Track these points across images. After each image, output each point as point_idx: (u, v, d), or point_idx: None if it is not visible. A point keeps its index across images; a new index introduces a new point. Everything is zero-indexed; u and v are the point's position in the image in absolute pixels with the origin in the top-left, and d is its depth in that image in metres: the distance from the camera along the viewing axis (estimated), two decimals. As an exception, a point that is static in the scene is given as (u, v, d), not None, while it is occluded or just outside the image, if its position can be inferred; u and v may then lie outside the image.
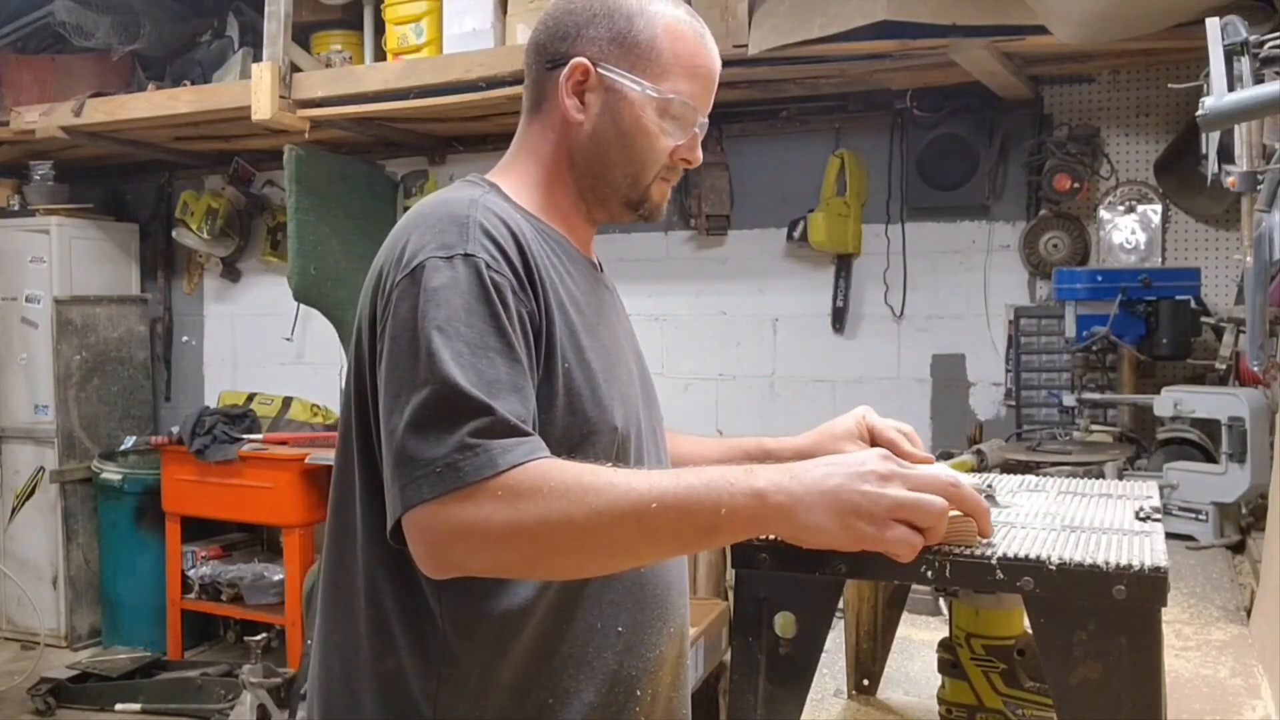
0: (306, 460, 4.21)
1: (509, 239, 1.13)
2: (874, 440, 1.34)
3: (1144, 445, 2.93)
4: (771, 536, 1.02)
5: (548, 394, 1.11)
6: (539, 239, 1.19)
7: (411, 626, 1.14)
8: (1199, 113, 1.56)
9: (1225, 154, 1.92)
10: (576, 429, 1.11)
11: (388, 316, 1.08)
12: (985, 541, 0.99)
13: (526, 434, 1.02)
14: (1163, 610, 0.92)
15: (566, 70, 1.22)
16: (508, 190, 1.23)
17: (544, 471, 1.00)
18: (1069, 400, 3.13)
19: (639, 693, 1.21)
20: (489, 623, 1.13)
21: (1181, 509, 2.37)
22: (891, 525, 0.94)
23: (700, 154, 1.27)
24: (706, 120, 1.27)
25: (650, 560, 1.12)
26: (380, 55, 3.98)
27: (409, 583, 1.13)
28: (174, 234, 4.99)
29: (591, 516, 0.97)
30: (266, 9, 3.88)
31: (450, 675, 1.13)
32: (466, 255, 1.08)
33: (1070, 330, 3.11)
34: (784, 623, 1.03)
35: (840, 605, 1.21)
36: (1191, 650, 1.69)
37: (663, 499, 0.97)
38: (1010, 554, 0.96)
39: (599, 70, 1.21)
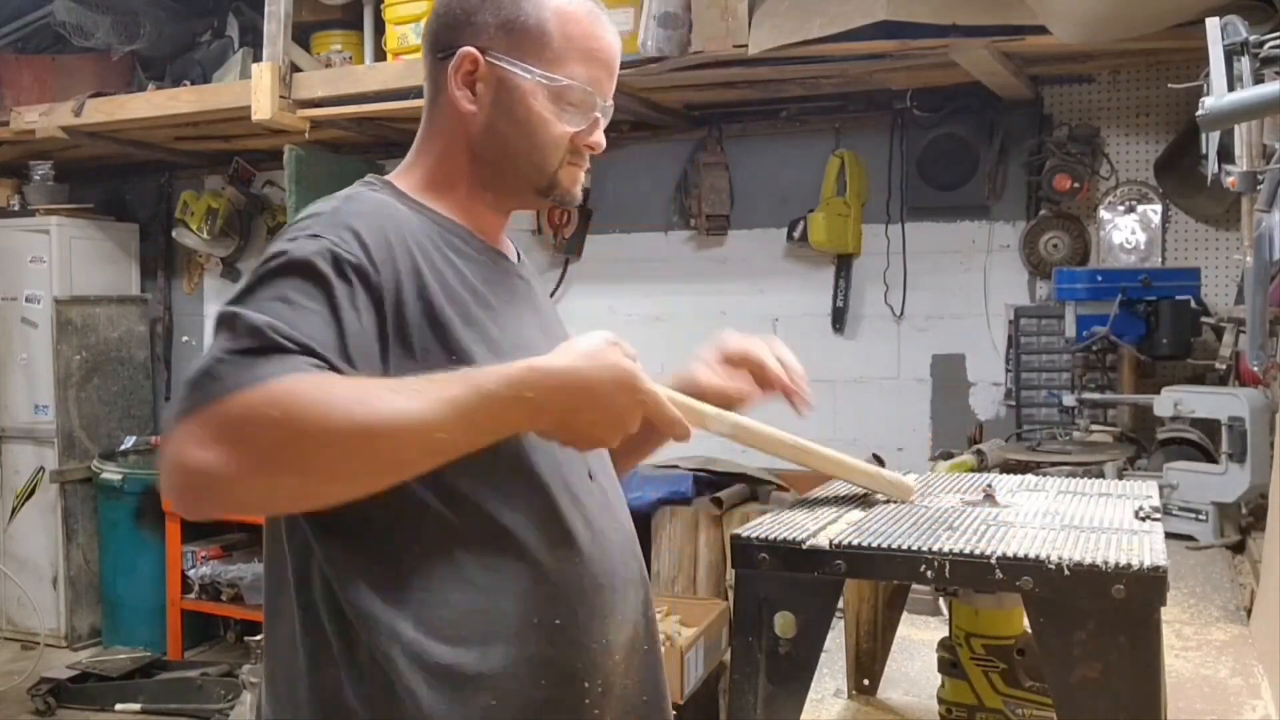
0: (306, 460, 4.19)
1: (373, 229, 1.10)
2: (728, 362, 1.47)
3: (1144, 445, 2.93)
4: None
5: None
6: (427, 231, 1.16)
7: (340, 633, 1.09)
8: (1199, 113, 1.56)
9: (1225, 154, 1.92)
10: None
11: None
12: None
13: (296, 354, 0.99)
14: (1163, 610, 0.92)
15: (455, 61, 1.18)
16: (404, 186, 1.21)
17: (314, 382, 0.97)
18: (1069, 400, 3.13)
19: (587, 684, 1.16)
20: (420, 625, 1.08)
21: (1181, 509, 2.37)
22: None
23: (603, 139, 1.23)
24: (610, 104, 1.24)
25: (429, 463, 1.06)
26: (380, 55, 3.98)
27: (337, 587, 1.09)
28: (174, 234, 4.99)
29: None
30: (266, 9, 3.88)
31: (382, 680, 1.07)
32: (314, 235, 1.06)
33: (1070, 330, 3.11)
34: (784, 623, 1.04)
35: (840, 605, 1.21)
36: (1191, 650, 1.69)
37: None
38: (1010, 554, 0.96)
39: (488, 59, 1.18)
